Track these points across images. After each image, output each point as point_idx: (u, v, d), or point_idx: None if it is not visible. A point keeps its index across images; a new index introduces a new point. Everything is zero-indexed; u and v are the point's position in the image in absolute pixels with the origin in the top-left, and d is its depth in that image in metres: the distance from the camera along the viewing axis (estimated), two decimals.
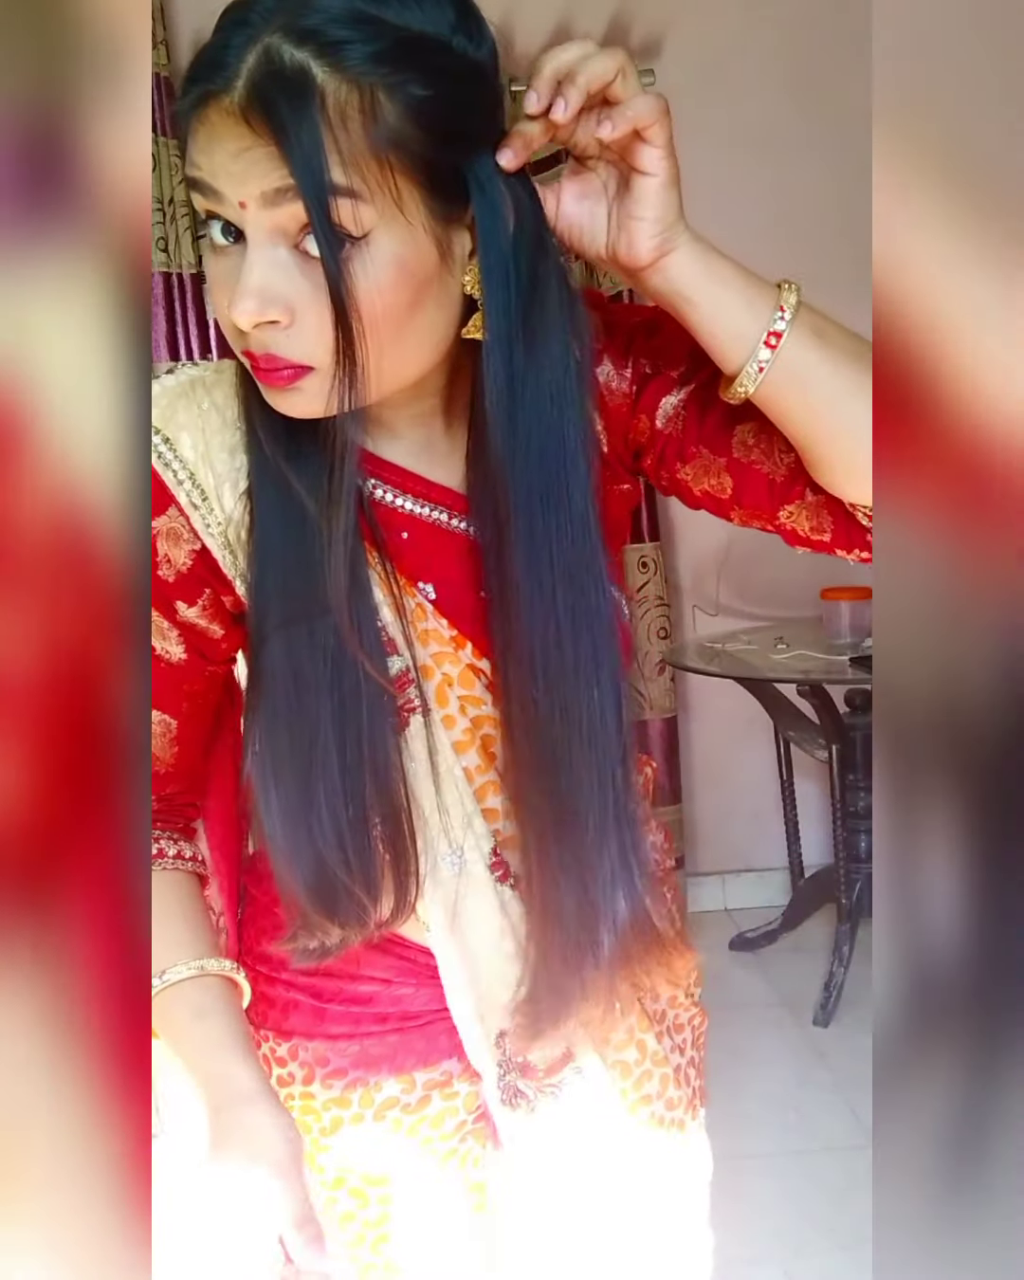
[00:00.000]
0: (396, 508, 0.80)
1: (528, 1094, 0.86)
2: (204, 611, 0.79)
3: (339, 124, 0.61)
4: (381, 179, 0.62)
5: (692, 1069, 0.96)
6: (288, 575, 0.75)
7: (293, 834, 0.76)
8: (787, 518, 0.77)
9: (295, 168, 0.60)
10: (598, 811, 0.77)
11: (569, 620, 0.74)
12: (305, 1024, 0.87)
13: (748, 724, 2.89)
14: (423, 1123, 0.88)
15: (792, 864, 2.88)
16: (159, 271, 2.55)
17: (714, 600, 2.95)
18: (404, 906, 0.79)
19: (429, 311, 0.68)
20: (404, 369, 0.70)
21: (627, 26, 2.75)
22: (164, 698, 0.81)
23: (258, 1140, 0.73)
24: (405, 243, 0.64)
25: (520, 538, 0.73)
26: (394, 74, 0.61)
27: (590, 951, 0.79)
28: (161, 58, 2.48)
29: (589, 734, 0.75)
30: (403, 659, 0.78)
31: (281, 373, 0.67)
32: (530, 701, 0.75)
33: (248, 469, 0.76)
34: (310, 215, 0.61)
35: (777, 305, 0.68)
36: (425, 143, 0.63)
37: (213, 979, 0.79)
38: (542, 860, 0.78)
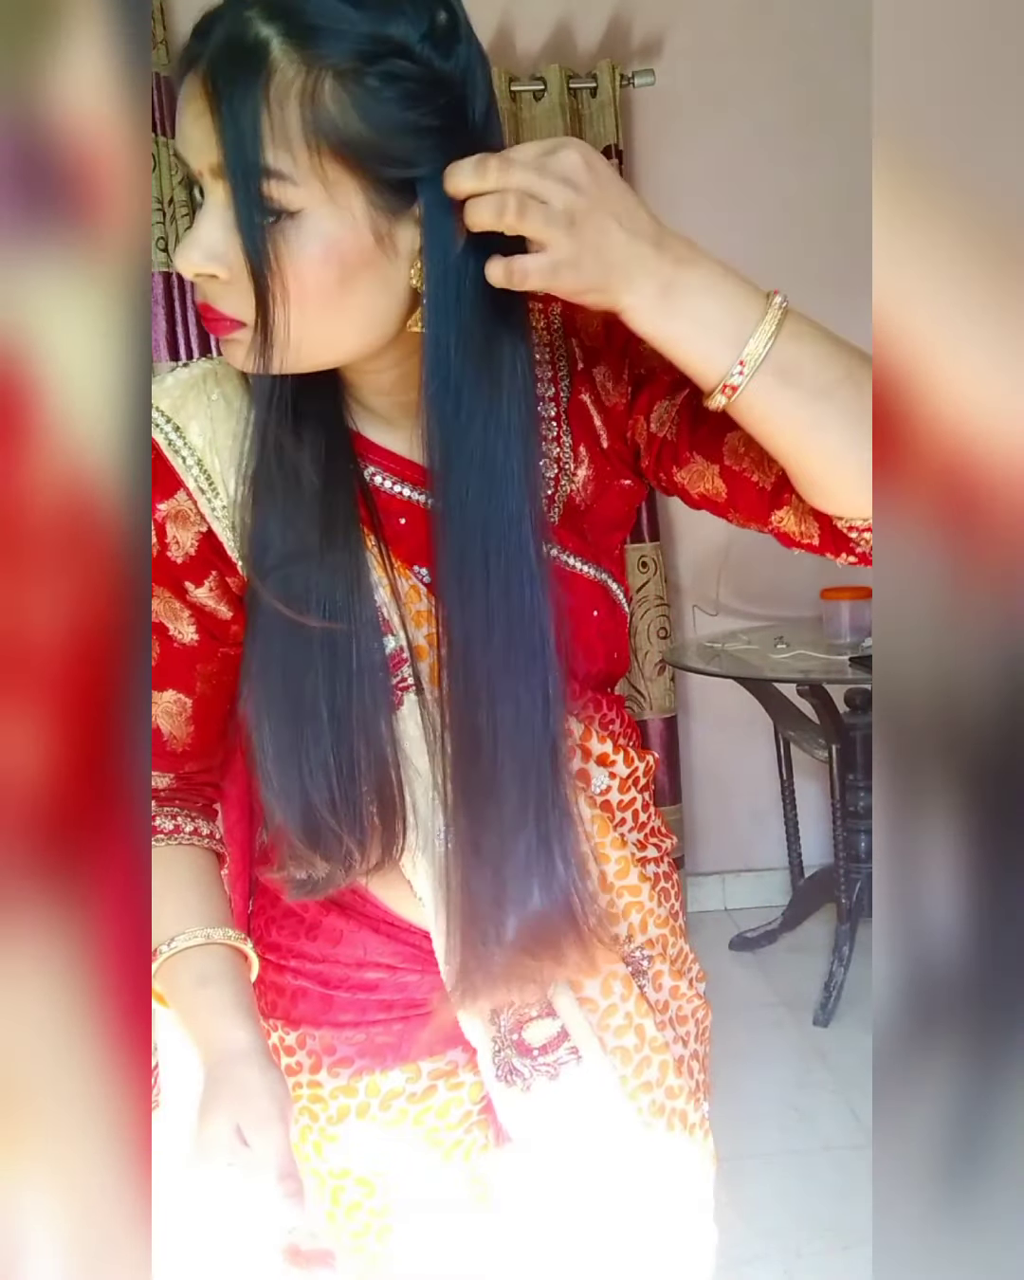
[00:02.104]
0: (395, 494, 0.83)
1: (523, 1072, 0.87)
2: (212, 592, 0.83)
3: (277, 105, 0.63)
4: (311, 164, 0.65)
5: (694, 1061, 0.96)
6: (286, 553, 0.78)
7: (283, 771, 0.79)
8: (778, 522, 0.78)
9: (226, 145, 0.64)
10: (516, 798, 0.77)
11: (499, 613, 0.75)
12: (313, 1012, 0.89)
13: (748, 724, 2.89)
14: (428, 1113, 0.89)
15: (791, 864, 2.88)
16: (159, 271, 2.55)
17: (714, 600, 2.95)
18: (389, 853, 0.81)
19: (362, 294, 0.69)
20: (338, 343, 0.72)
21: (627, 26, 2.75)
22: (179, 677, 0.84)
23: (244, 1094, 0.76)
24: (337, 225, 0.67)
25: (449, 530, 0.74)
26: (347, 65, 0.64)
27: (494, 934, 0.79)
28: (161, 58, 2.48)
29: (513, 722, 0.76)
30: (397, 639, 0.81)
31: (220, 323, 0.71)
32: (457, 686, 0.77)
33: (251, 453, 0.79)
34: (234, 191, 0.65)
35: (737, 360, 0.66)
36: (366, 137, 0.65)
37: (218, 947, 0.82)
38: (459, 840, 0.79)
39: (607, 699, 0.92)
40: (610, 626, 0.88)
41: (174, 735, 0.86)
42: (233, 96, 0.63)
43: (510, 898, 0.79)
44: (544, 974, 0.84)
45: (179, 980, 0.81)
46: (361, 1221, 0.90)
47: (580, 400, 0.84)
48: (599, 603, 0.87)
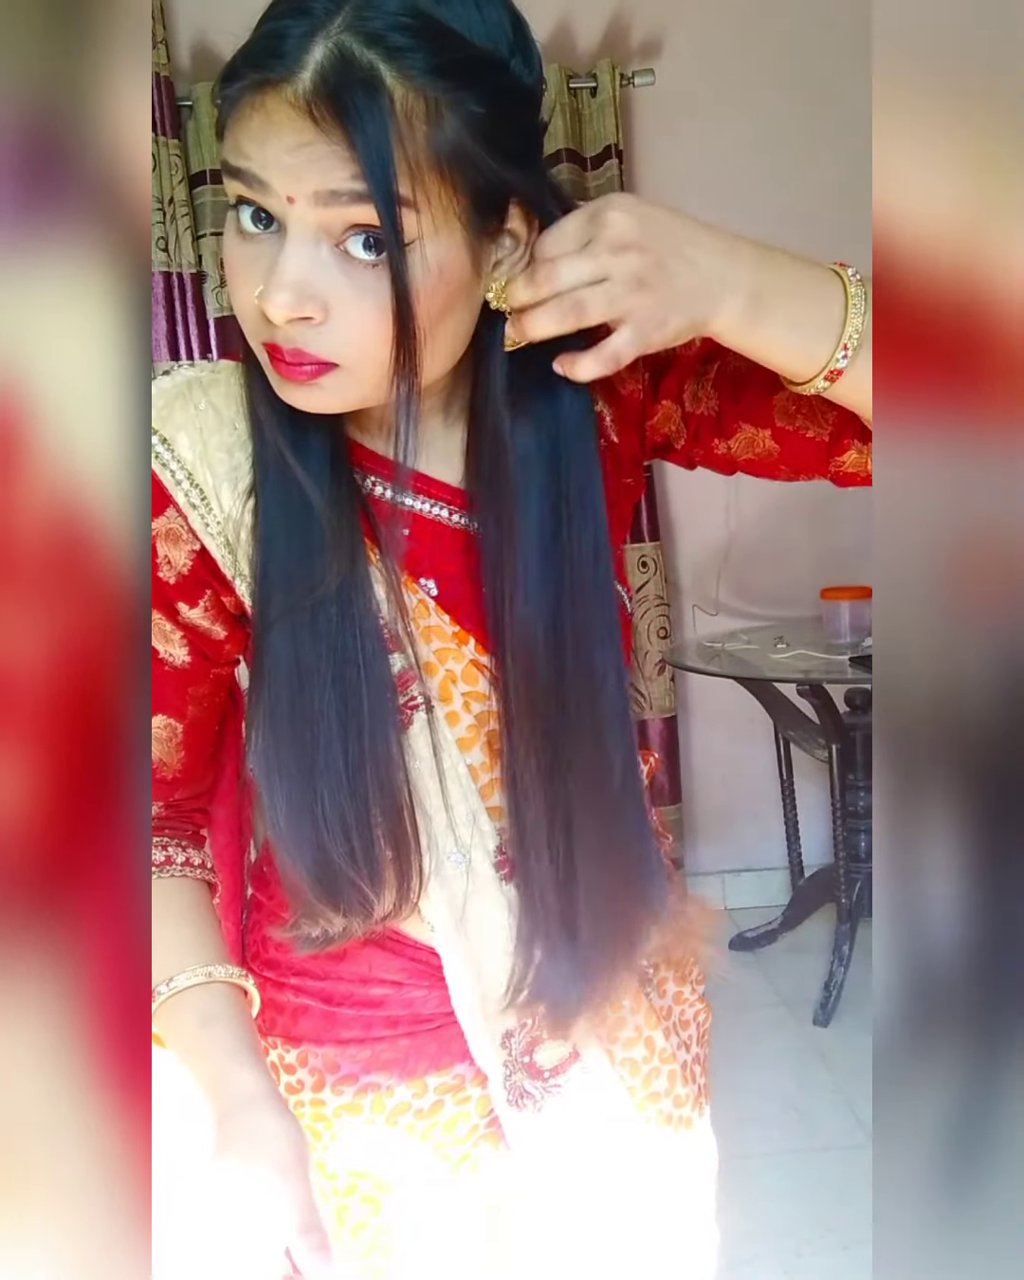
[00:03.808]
0: (397, 504, 0.79)
1: (534, 1094, 0.86)
2: (206, 613, 0.79)
3: (407, 132, 0.60)
4: (439, 190, 0.63)
5: (697, 1065, 0.96)
6: (290, 571, 0.75)
7: (297, 825, 0.75)
8: (837, 466, 0.79)
9: (369, 171, 0.60)
10: (610, 808, 0.77)
11: (571, 616, 0.74)
12: (315, 1029, 0.87)
13: (748, 724, 2.89)
14: (435, 1128, 0.87)
15: (792, 864, 2.88)
16: (159, 271, 2.55)
17: (714, 600, 2.95)
18: (407, 899, 0.78)
19: (456, 318, 0.68)
20: (430, 369, 0.69)
21: (627, 26, 2.75)
22: (169, 701, 0.81)
23: (262, 1144, 0.71)
24: (447, 251, 0.65)
25: (526, 533, 0.73)
26: (457, 88, 0.62)
27: (623, 949, 0.79)
28: (161, 57, 2.48)
29: (593, 731, 0.76)
30: (404, 656, 0.77)
31: (305, 368, 0.66)
32: (533, 698, 0.75)
33: (250, 466, 0.76)
34: (381, 220, 0.61)
35: (839, 345, 0.68)
36: (478, 158, 0.63)
37: (220, 986, 0.78)
38: (551, 859, 0.78)
39: None
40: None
41: (164, 762, 0.82)
42: (362, 122, 0.59)
43: (635, 910, 0.80)
44: (647, 981, 0.83)
45: (181, 1021, 0.77)
46: (368, 1240, 0.88)
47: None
48: None
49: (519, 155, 0.66)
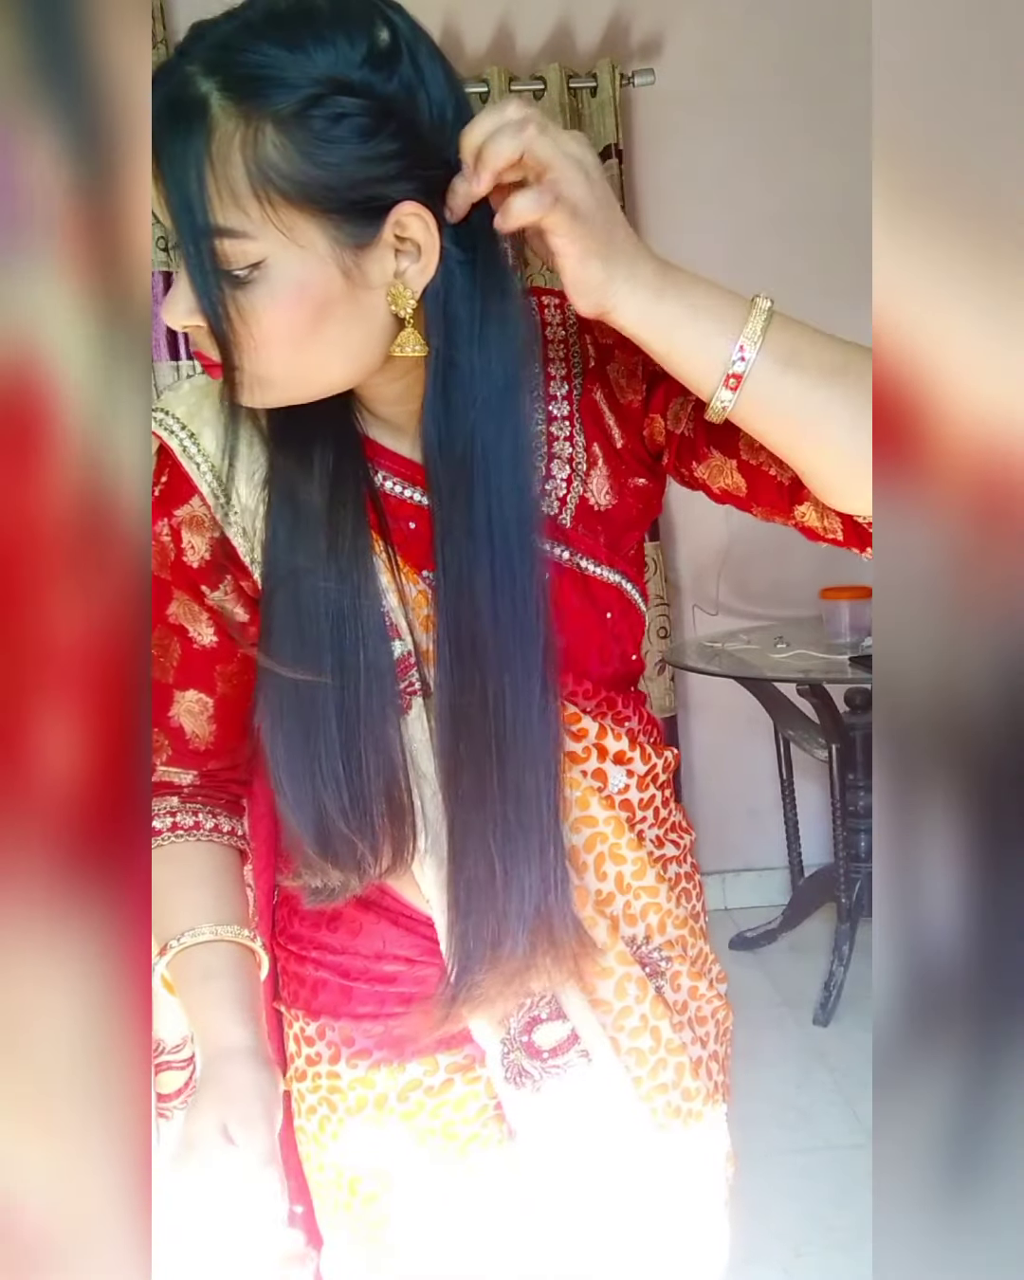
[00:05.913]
0: (405, 499, 0.83)
1: (533, 1074, 0.87)
2: (228, 596, 0.85)
3: (220, 162, 0.64)
4: (264, 215, 0.65)
5: (714, 1062, 0.96)
6: (297, 557, 0.79)
7: (296, 782, 0.80)
8: (800, 517, 0.78)
9: (173, 210, 0.64)
10: (514, 806, 0.78)
11: (490, 614, 0.76)
12: (333, 1003, 0.90)
13: (748, 723, 2.89)
14: (445, 1106, 0.89)
15: (791, 863, 2.88)
16: (159, 271, 2.55)
17: (714, 600, 2.95)
18: (401, 857, 0.82)
19: (337, 328, 0.70)
20: (321, 376, 0.73)
21: (626, 26, 2.75)
22: (200, 677, 0.87)
23: (231, 1094, 0.77)
24: (302, 268, 0.67)
25: (447, 530, 0.76)
26: (288, 111, 0.63)
27: (495, 933, 0.80)
28: (161, 57, 2.48)
29: (512, 723, 0.77)
30: (404, 643, 0.81)
31: (214, 368, 0.71)
32: (450, 689, 0.78)
33: (264, 460, 0.81)
34: (186, 256, 0.65)
35: (737, 344, 0.68)
36: (318, 179, 0.65)
37: (225, 944, 0.84)
38: (461, 841, 0.80)
39: (623, 697, 0.92)
40: (624, 628, 0.89)
41: (196, 734, 0.89)
42: (173, 160, 0.63)
43: (511, 898, 0.80)
44: (545, 974, 0.84)
45: (187, 975, 0.83)
46: (378, 1213, 0.90)
47: (592, 399, 0.84)
48: (613, 605, 0.87)
49: (390, 167, 0.66)
